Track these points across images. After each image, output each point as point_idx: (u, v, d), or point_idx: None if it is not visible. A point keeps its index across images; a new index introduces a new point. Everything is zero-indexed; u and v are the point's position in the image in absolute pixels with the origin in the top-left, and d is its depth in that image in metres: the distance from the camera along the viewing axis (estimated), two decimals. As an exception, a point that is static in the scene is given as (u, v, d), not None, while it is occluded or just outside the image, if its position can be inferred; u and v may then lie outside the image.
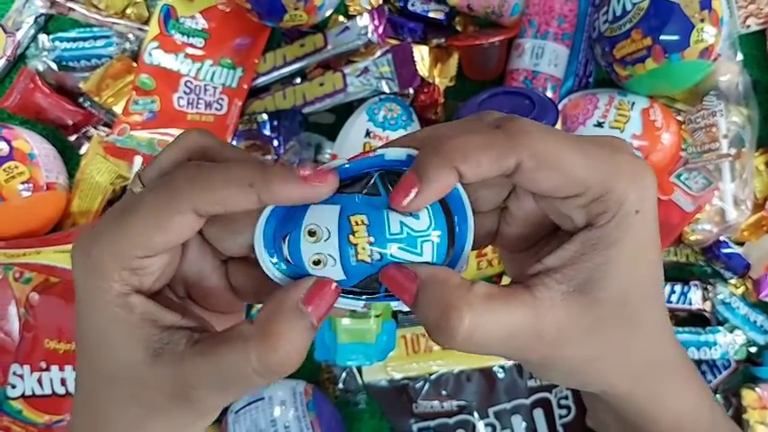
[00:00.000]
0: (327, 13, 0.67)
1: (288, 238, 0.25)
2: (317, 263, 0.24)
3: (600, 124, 0.64)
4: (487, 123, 0.26)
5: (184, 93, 0.69)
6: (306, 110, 0.68)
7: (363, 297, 0.25)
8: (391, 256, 0.24)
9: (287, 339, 0.23)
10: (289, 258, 0.25)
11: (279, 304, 0.24)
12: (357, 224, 0.24)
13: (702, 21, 0.58)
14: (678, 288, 0.68)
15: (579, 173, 0.23)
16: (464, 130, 0.25)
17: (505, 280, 0.69)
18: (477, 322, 0.23)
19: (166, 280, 0.27)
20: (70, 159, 0.70)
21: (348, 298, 0.25)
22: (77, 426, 0.28)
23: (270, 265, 0.25)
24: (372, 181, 0.25)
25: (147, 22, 0.70)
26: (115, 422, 0.26)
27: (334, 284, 0.24)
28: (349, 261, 0.24)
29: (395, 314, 0.67)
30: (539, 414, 0.68)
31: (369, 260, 0.24)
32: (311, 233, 0.24)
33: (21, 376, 0.63)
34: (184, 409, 0.25)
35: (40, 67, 0.70)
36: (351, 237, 0.24)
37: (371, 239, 0.24)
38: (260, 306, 0.31)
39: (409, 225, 0.24)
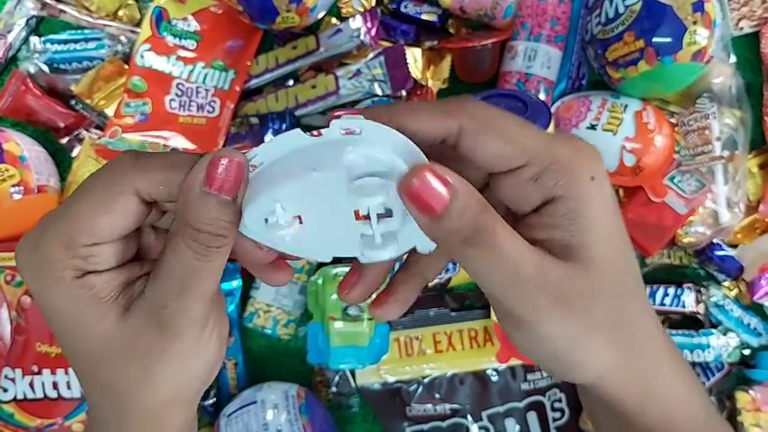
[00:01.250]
0: (320, 16, 0.67)
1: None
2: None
3: (593, 127, 0.64)
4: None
5: (176, 95, 0.68)
6: (298, 112, 0.67)
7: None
8: None
9: (205, 222, 0.24)
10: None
11: (187, 192, 0.24)
12: None
13: (695, 23, 0.58)
14: (671, 291, 0.68)
15: (522, 140, 0.25)
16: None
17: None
18: (503, 228, 0.24)
19: (123, 261, 0.27)
20: (62, 162, 0.70)
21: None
22: (94, 403, 0.28)
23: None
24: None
25: (138, 25, 0.70)
26: (124, 388, 0.26)
27: (236, 158, 0.24)
28: None
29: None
30: (532, 417, 0.68)
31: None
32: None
33: (12, 380, 0.63)
34: (170, 337, 0.25)
35: (32, 70, 0.69)
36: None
37: None
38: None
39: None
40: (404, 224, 0.25)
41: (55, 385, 0.62)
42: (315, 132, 0.25)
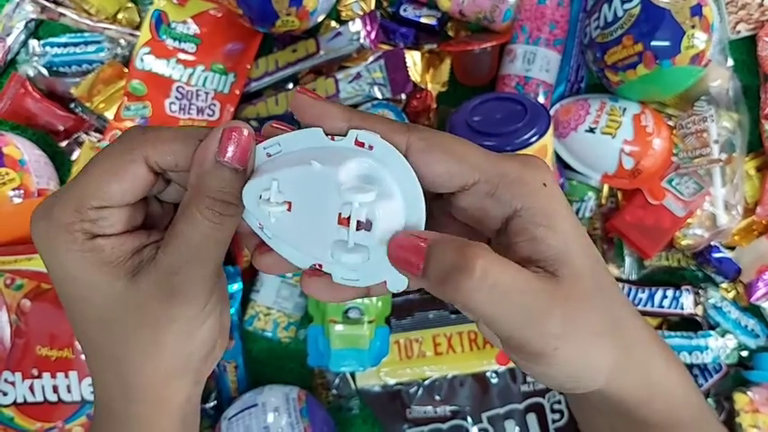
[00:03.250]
0: (319, 19, 0.67)
1: None
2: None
3: (591, 130, 0.65)
4: None
5: (176, 98, 0.68)
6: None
7: None
8: None
9: (219, 190, 0.26)
10: None
11: (200, 163, 0.26)
12: None
13: (693, 27, 0.59)
14: (670, 293, 0.68)
15: (470, 158, 0.25)
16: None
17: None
18: (491, 265, 0.23)
19: (131, 227, 0.28)
20: (61, 165, 0.70)
21: None
22: (101, 382, 0.29)
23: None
24: None
25: (138, 28, 0.70)
26: (132, 355, 0.27)
27: (246, 130, 0.26)
28: None
29: (388, 320, 0.67)
30: (532, 419, 0.68)
31: None
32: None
33: (12, 383, 0.62)
34: (178, 303, 0.26)
35: (31, 73, 0.69)
36: None
37: None
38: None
39: None
40: (378, 251, 0.25)
41: (55, 389, 0.62)
42: (332, 137, 0.26)
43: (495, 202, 0.26)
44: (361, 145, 0.25)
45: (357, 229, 0.25)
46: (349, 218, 0.25)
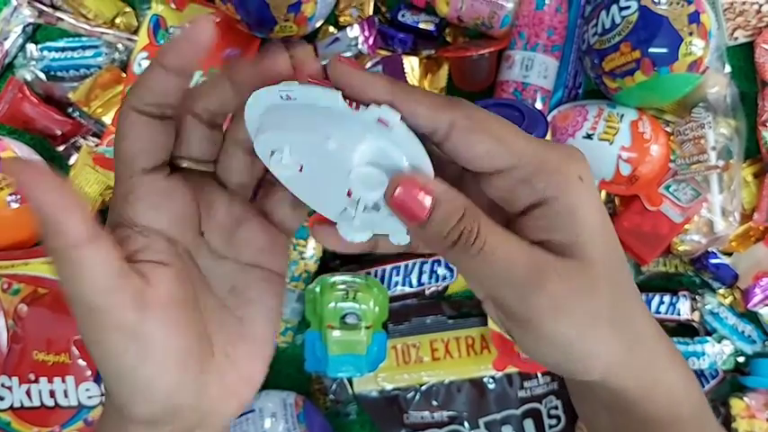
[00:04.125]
0: (318, 24, 0.67)
1: None
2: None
3: (589, 136, 0.65)
4: None
5: (174, 103, 0.68)
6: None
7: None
8: None
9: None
10: None
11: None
12: None
13: (691, 34, 0.59)
14: (667, 298, 0.68)
15: (512, 142, 0.25)
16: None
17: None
18: (489, 231, 0.24)
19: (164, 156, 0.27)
20: (59, 170, 0.70)
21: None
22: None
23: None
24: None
25: (136, 32, 0.70)
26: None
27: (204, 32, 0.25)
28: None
29: (385, 325, 0.67)
30: (529, 424, 0.68)
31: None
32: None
33: (9, 388, 0.62)
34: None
35: (28, 77, 0.69)
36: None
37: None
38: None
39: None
40: (387, 217, 0.26)
41: (52, 393, 0.62)
42: (352, 104, 0.25)
43: (527, 187, 0.25)
44: (383, 122, 0.24)
45: (363, 211, 0.25)
46: (359, 199, 0.25)
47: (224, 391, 0.27)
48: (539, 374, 0.69)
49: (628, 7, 0.60)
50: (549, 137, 0.62)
